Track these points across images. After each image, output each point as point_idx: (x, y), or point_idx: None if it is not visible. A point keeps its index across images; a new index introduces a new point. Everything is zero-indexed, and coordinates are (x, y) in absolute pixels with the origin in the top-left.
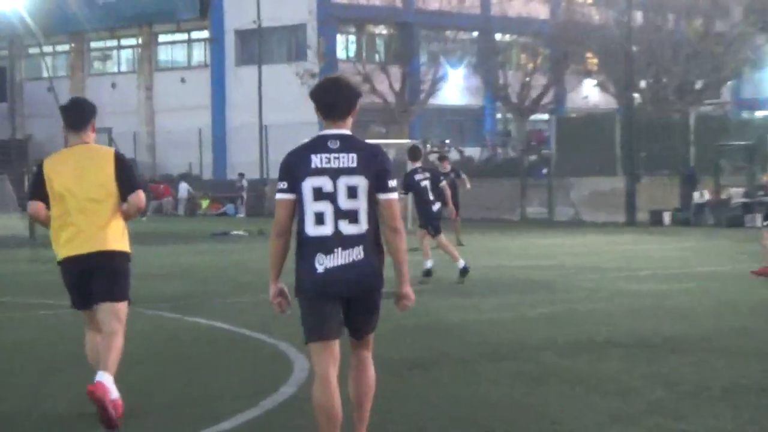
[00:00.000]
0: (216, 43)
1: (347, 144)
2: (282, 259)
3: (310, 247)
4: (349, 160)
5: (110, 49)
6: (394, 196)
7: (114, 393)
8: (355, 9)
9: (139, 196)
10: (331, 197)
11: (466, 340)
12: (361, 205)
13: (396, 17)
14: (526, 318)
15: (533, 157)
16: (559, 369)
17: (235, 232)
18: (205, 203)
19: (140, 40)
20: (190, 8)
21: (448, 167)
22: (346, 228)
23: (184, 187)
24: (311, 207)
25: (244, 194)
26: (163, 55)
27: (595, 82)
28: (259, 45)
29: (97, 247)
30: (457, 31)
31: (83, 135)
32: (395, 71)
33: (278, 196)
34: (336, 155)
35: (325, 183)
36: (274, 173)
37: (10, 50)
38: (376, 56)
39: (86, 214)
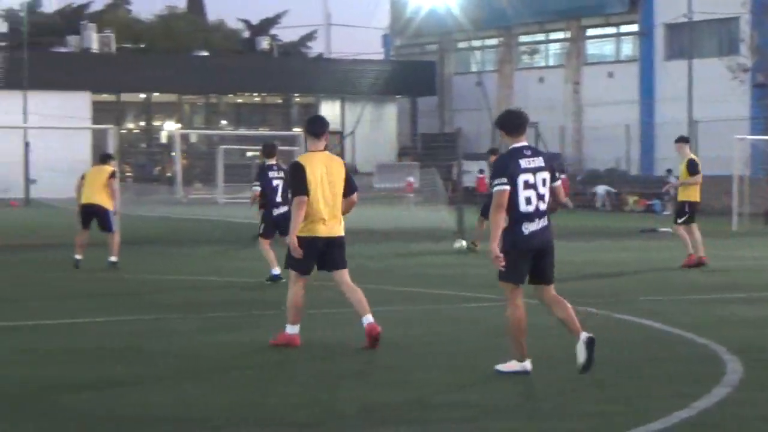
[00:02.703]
0: (645, 37)
1: (534, 151)
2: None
3: (521, 219)
4: (539, 161)
5: (538, 43)
6: (560, 182)
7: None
8: None
9: (355, 197)
10: (534, 186)
11: None
12: (547, 190)
13: None
14: None
15: None
16: None
17: (663, 229)
18: (632, 200)
19: (568, 34)
20: (619, 2)
21: None
22: (541, 206)
23: (602, 189)
24: (523, 193)
25: (672, 191)
26: (591, 49)
27: None
28: (690, 38)
29: (335, 233)
30: None
31: (320, 144)
32: None
33: (502, 188)
34: (532, 159)
35: (530, 177)
36: (706, 170)
37: (440, 45)
38: None
39: (329, 205)
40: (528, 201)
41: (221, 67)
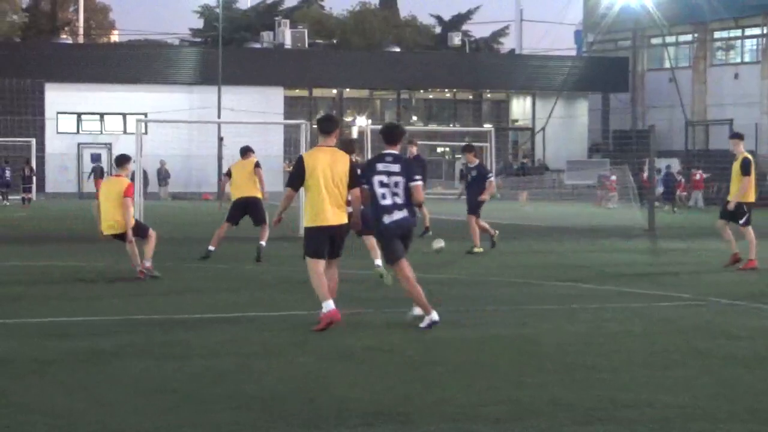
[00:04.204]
0: None
1: (395, 158)
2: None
3: (381, 211)
4: (396, 167)
5: (733, 39)
6: (419, 183)
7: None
8: None
9: (358, 191)
10: (388, 186)
11: None
12: (401, 190)
13: None
14: None
15: None
16: None
17: None
18: None
19: (765, 30)
20: None
21: (475, 161)
22: (398, 200)
23: None
24: (379, 191)
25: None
26: None
27: None
28: None
29: (339, 221)
30: None
31: (329, 140)
32: None
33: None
34: (390, 165)
35: (384, 178)
36: None
37: (633, 41)
38: None
39: (333, 195)
40: (383, 196)
41: (413, 62)
